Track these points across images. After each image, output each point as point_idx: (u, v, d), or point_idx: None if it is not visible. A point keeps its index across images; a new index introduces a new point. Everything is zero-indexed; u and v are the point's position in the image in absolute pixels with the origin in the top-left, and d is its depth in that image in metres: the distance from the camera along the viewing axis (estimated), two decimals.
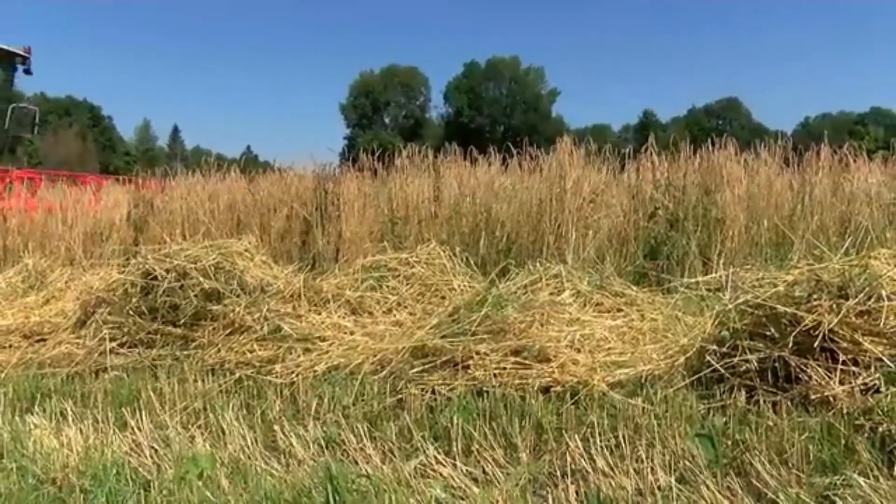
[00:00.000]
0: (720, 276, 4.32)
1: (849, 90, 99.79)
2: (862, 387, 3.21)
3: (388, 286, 5.36)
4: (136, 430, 3.42)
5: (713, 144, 7.27)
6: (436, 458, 2.99)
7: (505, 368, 3.80)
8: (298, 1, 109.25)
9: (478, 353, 3.88)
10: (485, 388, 3.66)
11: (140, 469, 2.99)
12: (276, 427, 3.38)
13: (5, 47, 12.15)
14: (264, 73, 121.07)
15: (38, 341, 5.32)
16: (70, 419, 3.62)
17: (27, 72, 12.72)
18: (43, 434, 3.40)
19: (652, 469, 2.80)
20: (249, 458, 3.10)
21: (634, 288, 5.43)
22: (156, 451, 3.19)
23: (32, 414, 3.76)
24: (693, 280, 5.19)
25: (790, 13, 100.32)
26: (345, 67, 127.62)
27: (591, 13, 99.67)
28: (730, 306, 3.66)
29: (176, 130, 77.22)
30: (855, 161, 7.30)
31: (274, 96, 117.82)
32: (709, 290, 4.78)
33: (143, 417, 3.53)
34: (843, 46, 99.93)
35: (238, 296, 4.93)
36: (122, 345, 4.85)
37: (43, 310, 6.13)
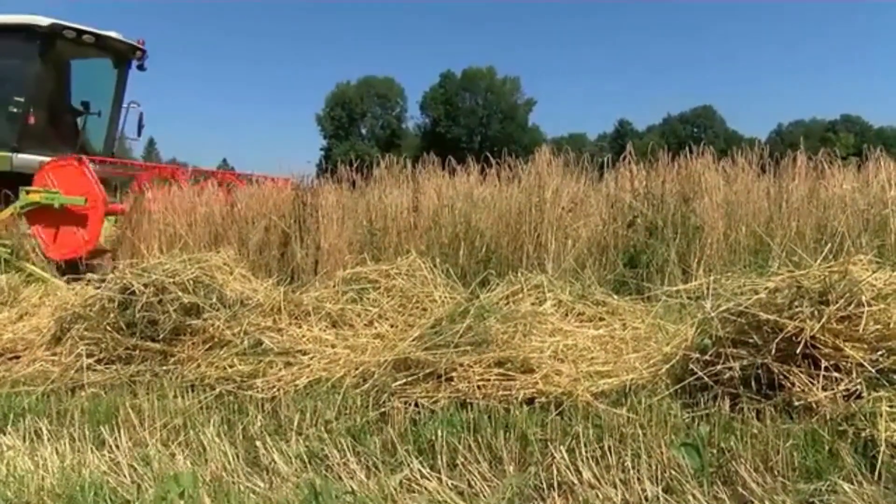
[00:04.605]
0: (701, 284, 4.33)
1: (820, 98, 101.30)
2: (844, 392, 3.22)
3: (368, 298, 5.33)
4: (114, 448, 3.36)
5: (690, 152, 7.31)
6: (420, 472, 2.96)
7: (488, 380, 3.77)
8: (274, 13, 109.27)
9: (461, 364, 3.86)
10: (468, 401, 3.63)
11: (119, 489, 2.93)
12: (258, 443, 3.34)
13: (123, 39, 10.68)
14: (241, 85, 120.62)
15: (11, 359, 5.22)
16: (45, 438, 3.55)
17: (141, 68, 11.01)
18: (16, 455, 3.33)
19: (638, 479, 2.79)
20: (231, 475, 3.05)
21: (615, 297, 5.43)
22: (135, 469, 3.14)
23: (5, 434, 3.68)
24: (674, 288, 5.20)
25: (762, 23, 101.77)
26: (321, 78, 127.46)
27: (566, 24, 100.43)
28: (712, 314, 3.66)
29: (151, 143, 76.46)
30: (829, 168, 7.37)
31: (250, 108, 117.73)
32: (689, 297, 4.80)
33: (122, 435, 3.48)
34: (815, 55, 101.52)
35: (217, 310, 4.88)
36: (99, 361, 4.78)
37: (16, 326, 6.02)
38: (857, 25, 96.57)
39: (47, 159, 8.65)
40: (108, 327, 4.90)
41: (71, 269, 7.86)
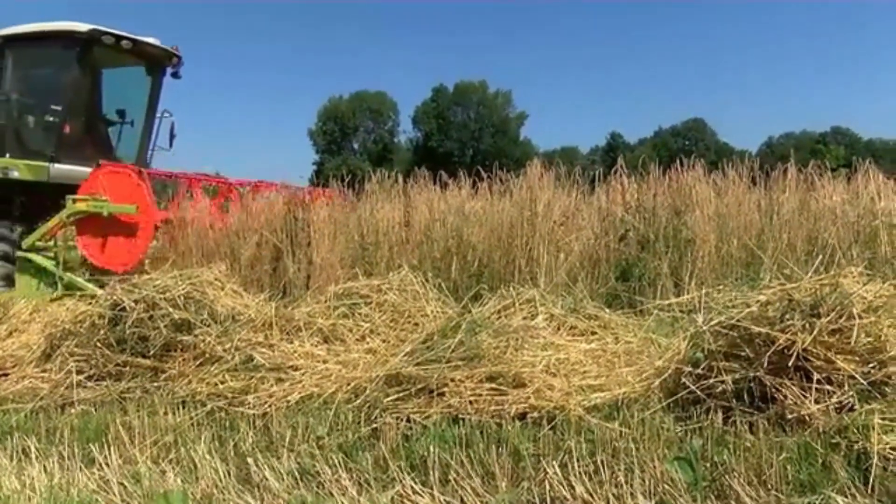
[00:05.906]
0: (693, 297, 4.33)
1: (810, 110, 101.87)
2: (836, 405, 3.22)
3: (360, 313, 5.31)
4: (104, 466, 3.34)
5: (682, 165, 7.33)
6: (413, 488, 2.94)
7: (480, 395, 3.76)
8: (267, 26, 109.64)
9: (452, 380, 3.84)
10: (460, 416, 3.62)
11: None
12: (249, 460, 3.31)
13: (160, 45, 10.31)
14: (233, 100, 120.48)
15: (0, 376, 5.19)
16: (33, 457, 3.52)
17: (175, 75, 10.68)
18: (3, 474, 3.30)
19: (632, 494, 2.78)
20: (223, 492, 3.03)
21: (607, 310, 5.43)
22: (125, 487, 3.11)
23: None
24: (666, 301, 5.20)
25: (752, 35, 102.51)
26: (313, 93, 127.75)
27: (557, 37, 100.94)
28: (704, 327, 3.67)
29: None
30: (819, 180, 7.40)
31: (243, 122, 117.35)
32: (681, 311, 4.80)
33: (112, 453, 3.45)
34: (805, 68, 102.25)
35: (209, 326, 4.86)
36: (89, 378, 4.75)
37: (6, 343, 5.99)
38: (848, 38, 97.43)
39: (85, 169, 8.48)
40: (99, 343, 4.88)
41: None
